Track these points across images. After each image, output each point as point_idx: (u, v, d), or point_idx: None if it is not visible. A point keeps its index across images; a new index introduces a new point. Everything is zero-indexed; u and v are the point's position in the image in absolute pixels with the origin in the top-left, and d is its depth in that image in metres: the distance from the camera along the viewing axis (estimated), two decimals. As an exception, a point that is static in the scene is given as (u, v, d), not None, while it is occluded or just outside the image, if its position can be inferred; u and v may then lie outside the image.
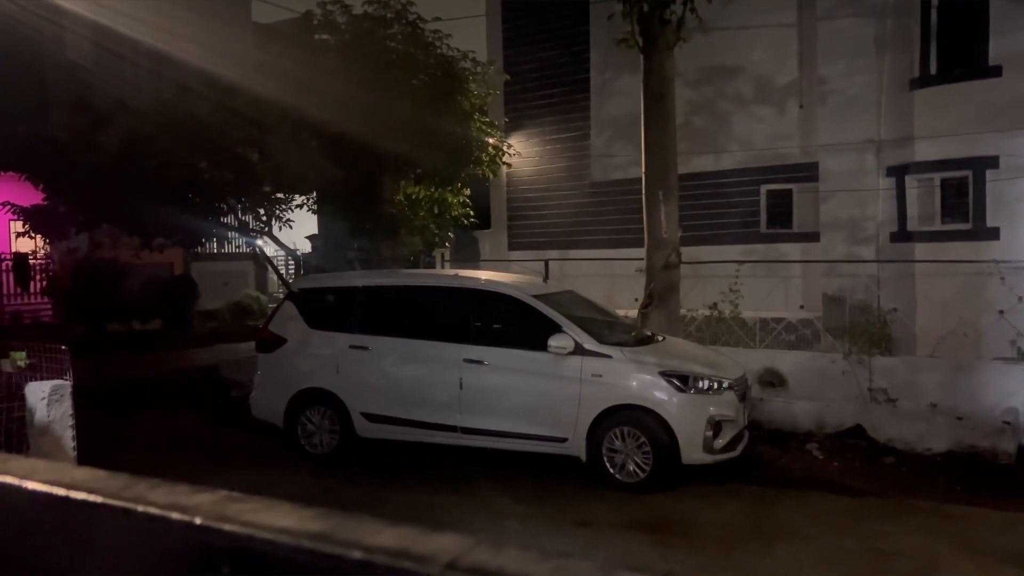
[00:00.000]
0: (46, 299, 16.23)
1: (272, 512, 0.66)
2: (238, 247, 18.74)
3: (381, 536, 0.62)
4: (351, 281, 8.54)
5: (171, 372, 12.24)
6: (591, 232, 15.56)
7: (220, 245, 18.99)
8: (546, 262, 12.44)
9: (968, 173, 12.05)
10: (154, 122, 10.43)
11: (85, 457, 7.95)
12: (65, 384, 5.27)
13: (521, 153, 15.68)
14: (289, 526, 0.63)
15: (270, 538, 0.61)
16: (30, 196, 12.16)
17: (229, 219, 12.64)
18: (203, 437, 8.93)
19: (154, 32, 12.13)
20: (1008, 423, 7.62)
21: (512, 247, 16.92)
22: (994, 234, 11.68)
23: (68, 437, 5.25)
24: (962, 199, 12.18)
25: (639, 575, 0.57)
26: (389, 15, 11.14)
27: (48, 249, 16.17)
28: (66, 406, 5.16)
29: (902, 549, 5.52)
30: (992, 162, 11.74)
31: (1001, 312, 9.21)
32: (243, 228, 12.94)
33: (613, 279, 12.55)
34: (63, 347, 5.42)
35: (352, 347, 7.75)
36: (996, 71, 11.67)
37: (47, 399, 5.02)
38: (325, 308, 8.18)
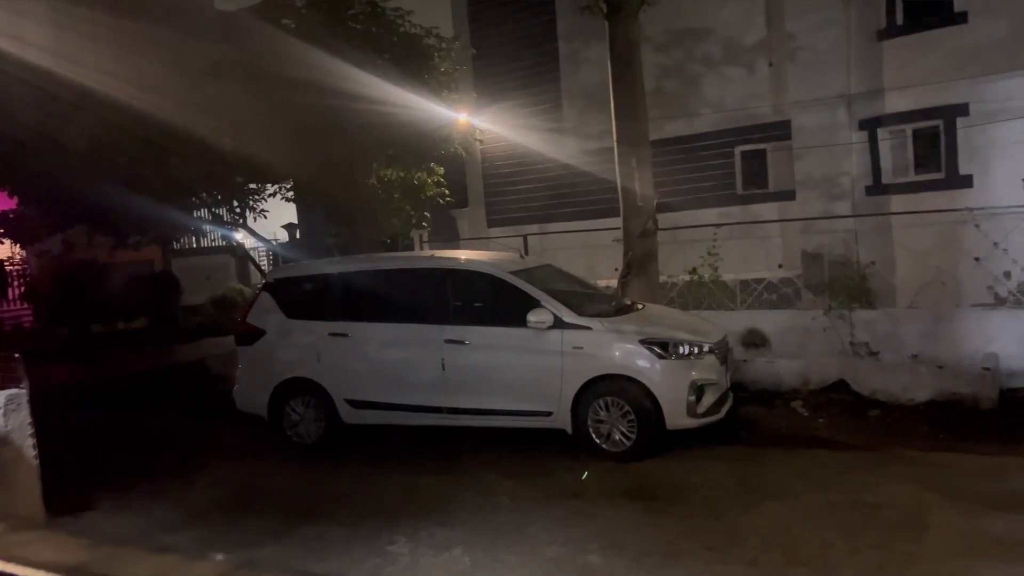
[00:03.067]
0: (27, 304, 16.06)
1: (42, 545, 0.63)
2: (215, 241, 18.58)
3: (137, 567, 0.59)
4: (326, 268, 8.47)
5: (158, 369, 12.17)
6: (569, 204, 15.51)
7: (199, 240, 18.82)
8: (524, 237, 12.39)
9: (939, 122, 12.08)
10: (120, 118, 10.25)
11: (76, 460, 7.94)
12: (21, 393, 5.19)
13: (493, 128, 15.55)
14: (47, 560, 0.60)
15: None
16: (2, 202, 11.98)
17: (203, 213, 12.50)
18: (190, 433, 8.90)
19: (116, 24, 11.87)
20: (988, 369, 7.70)
21: (491, 224, 16.85)
22: (967, 182, 11.74)
23: (28, 447, 5.19)
24: (934, 148, 12.22)
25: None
26: (348, -6, 10.97)
27: (24, 255, 15.98)
28: (23, 415, 5.09)
29: (889, 499, 5.57)
30: (962, 109, 11.76)
31: (977, 259, 9.28)
32: (218, 221, 12.81)
33: (593, 250, 12.53)
34: (16, 355, 5.33)
35: (332, 334, 7.70)
36: (962, 17, 11.66)
37: (3, 409, 4.95)
38: (302, 297, 8.12)
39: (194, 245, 18.93)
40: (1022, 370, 8.06)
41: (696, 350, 6.90)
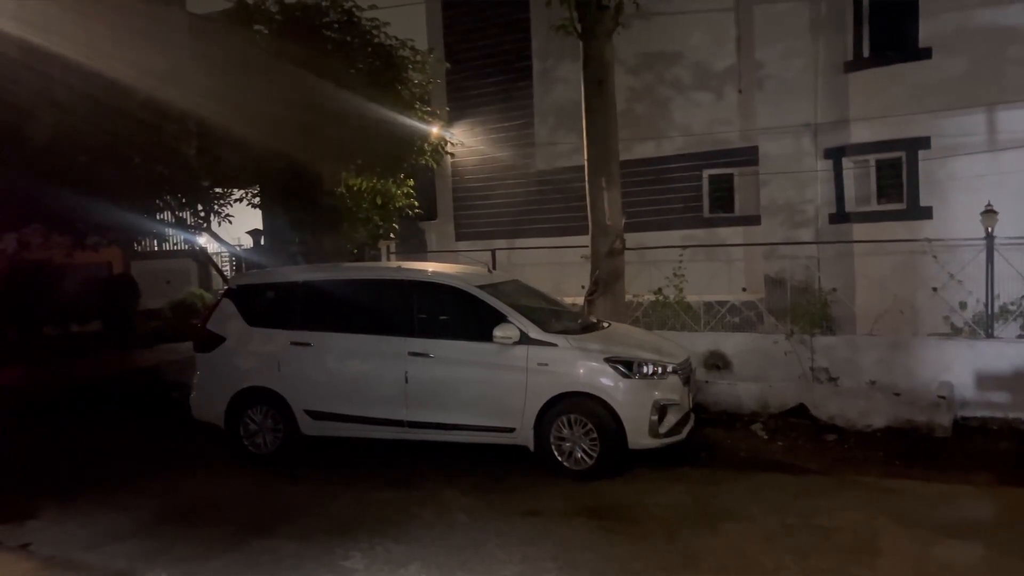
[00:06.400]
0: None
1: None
2: (176, 244, 18.25)
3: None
4: (290, 276, 8.36)
5: (111, 375, 11.89)
6: (538, 220, 15.56)
7: (161, 243, 18.47)
8: (493, 252, 12.37)
9: (902, 154, 12.35)
10: (83, 116, 10.03)
11: (21, 467, 7.70)
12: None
13: (465, 142, 15.58)
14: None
15: None
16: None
17: (166, 216, 12.29)
18: (144, 442, 8.69)
19: (82, 22, 11.64)
20: (943, 397, 7.82)
21: (459, 237, 16.84)
22: (927, 213, 12.00)
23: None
24: (896, 179, 12.49)
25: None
26: (324, 3, 10.92)
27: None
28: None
29: (843, 524, 5.62)
30: (924, 143, 12.04)
31: (935, 289, 9.46)
32: (181, 225, 12.59)
33: (561, 267, 12.54)
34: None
35: (293, 344, 7.59)
36: (926, 53, 11.95)
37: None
38: (264, 305, 7.98)
39: (155, 248, 18.59)
40: (976, 399, 8.22)
41: (660, 370, 6.93)
